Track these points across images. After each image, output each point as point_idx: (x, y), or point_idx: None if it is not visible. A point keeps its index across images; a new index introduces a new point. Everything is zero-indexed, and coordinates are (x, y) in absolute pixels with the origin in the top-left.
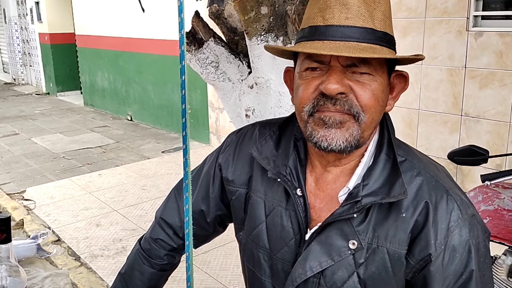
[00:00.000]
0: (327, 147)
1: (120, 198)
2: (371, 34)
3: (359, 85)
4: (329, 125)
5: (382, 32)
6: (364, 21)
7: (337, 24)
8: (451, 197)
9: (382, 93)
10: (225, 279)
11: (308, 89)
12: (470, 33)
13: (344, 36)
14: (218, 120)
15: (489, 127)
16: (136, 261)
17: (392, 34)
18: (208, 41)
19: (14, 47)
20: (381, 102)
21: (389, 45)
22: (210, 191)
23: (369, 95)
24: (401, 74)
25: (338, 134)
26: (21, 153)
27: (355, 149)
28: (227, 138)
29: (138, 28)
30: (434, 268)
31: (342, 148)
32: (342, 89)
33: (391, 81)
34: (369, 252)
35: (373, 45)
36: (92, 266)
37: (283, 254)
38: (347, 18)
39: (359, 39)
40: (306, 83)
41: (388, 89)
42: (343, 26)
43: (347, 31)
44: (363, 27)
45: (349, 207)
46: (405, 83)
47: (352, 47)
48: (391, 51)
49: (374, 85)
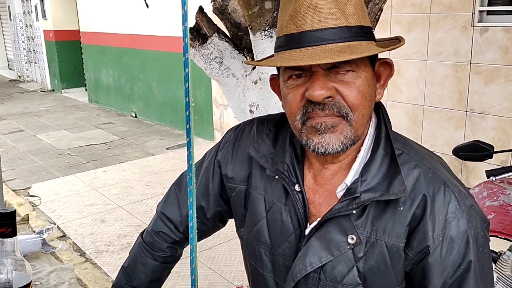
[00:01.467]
0: (324, 152)
1: (125, 194)
2: (346, 31)
3: (344, 85)
4: (322, 131)
5: (357, 26)
6: (336, 21)
7: (310, 29)
8: (449, 188)
9: (368, 87)
10: (230, 274)
11: (296, 98)
12: (475, 29)
13: (319, 40)
14: (222, 117)
15: (494, 123)
16: (139, 254)
17: (368, 24)
18: (212, 36)
19: (19, 44)
20: (369, 97)
21: (367, 37)
22: (209, 187)
23: (355, 93)
24: (385, 61)
25: (333, 139)
26: (26, 149)
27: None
28: (226, 135)
29: (143, 25)
30: (433, 259)
31: (339, 151)
32: (327, 93)
33: (377, 70)
34: (368, 246)
35: (350, 43)
36: (97, 262)
37: (283, 249)
38: (319, 21)
39: (335, 40)
40: (292, 92)
41: (374, 81)
42: (317, 30)
43: (322, 34)
44: (336, 27)
45: (348, 203)
46: (390, 70)
47: (329, 50)
48: (369, 42)
49: (359, 81)
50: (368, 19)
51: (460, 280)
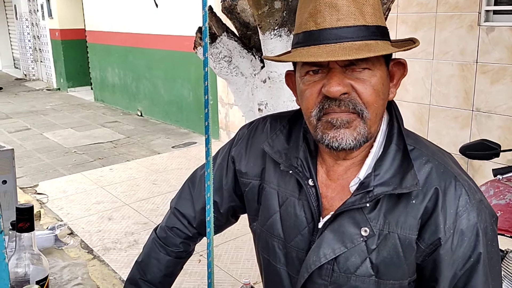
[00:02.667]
0: (338, 146)
1: (132, 192)
2: (364, 30)
3: (360, 83)
4: (337, 126)
5: (375, 26)
6: (355, 20)
7: (329, 27)
8: (459, 183)
9: (383, 86)
10: (236, 272)
11: (312, 94)
12: (481, 28)
13: (338, 37)
14: (227, 116)
15: (501, 122)
16: (152, 249)
17: (384, 24)
18: (221, 36)
19: (25, 43)
20: (382, 95)
21: (383, 37)
22: (223, 183)
23: (370, 91)
24: (399, 61)
25: (347, 134)
26: (33, 147)
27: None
28: (239, 132)
29: (148, 24)
30: (444, 251)
31: (352, 146)
32: (344, 90)
33: (391, 69)
34: (381, 239)
35: (367, 42)
36: (104, 259)
37: (297, 242)
38: (338, 19)
39: (353, 38)
40: (309, 88)
41: (388, 80)
42: (336, 28)
43: (340, 32)
44: (355, 26)
45: (361, 197)
46: (404, 70)
47: (347, 48)
48: (385, 42)
49: (374, 80)
50: (384, 20)
51: (470, 272)
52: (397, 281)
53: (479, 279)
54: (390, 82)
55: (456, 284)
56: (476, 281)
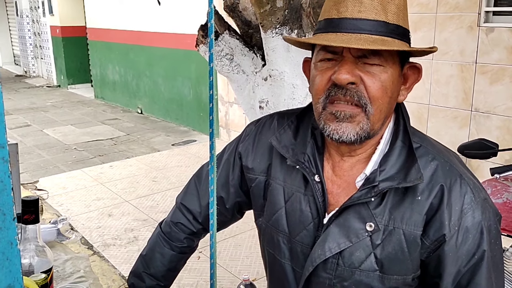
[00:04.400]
0: (338, 139)
1: (132, 189)
2: (383, 26)
3: (369, 76)
4: (340, 119)
5: (395, 25)
6: (376, 14)
7: (350, 17)
8: (464, 181)
9: (392, 84)
10: (235, 269)
11: (322, 81)
12: (481, 29)
13: (356, 28)
14: (227, 114)
15: (499, 123)
16: (157, 243)
17: (407, 27)
18: (223, 33)
19: (25, 39)
20: (390, 93)
21: (402, 37)
22: (230, 178)
23: (378, 86)
24: (414, 66)
25: (349, 128)
26: (33, 144)
27: (367, 140)
28: (246, 128)
29: (149, 21)
30: (448, 248)
31: (352, 140)
32: (352, 79)
33: (405, 72)
34: (386, 234)
35: (384, 38)
36: (104, 255)
37: (302, 237)
38: (360, 11)
39: (371, 32)
40: (320, 74)
41: (399, 80)
42: (356, 19)
43: (360, 24)
44: (375, 20)
45: (367, 192)
46: (418, 75)
47: (363, 39)
48: (403, 43)
49: (384, 76)
50: (407, 22)
51: (474, 269)
52: (401, 277)
53: (483, 276)
54: (403, 85)
55: (459, 280)
56: (479, 278)
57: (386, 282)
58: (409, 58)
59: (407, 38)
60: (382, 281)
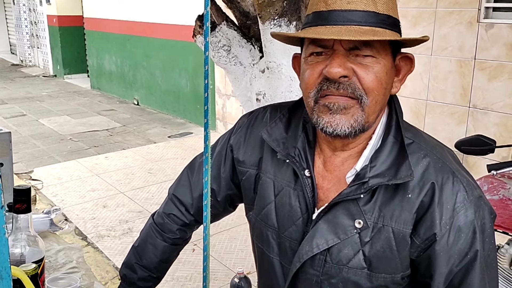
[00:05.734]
0: (333, 132)
1: (127, 180)
2: (373, 17)
3: (362, 68)
4: (333, 111)
5: (385, 15)
6: (366, 5)
7: (339, 9)
8: (457, 178)
9: (386, 75)
10: (230, 262)
11: (313, 74)
12: (480, 25)
13: (346, 20)
14: (225, 107)
15: (497, 119)
16: (149, 234)
17: (396, 16)
18: (220, 24)
19: (22, 28)
20: (385, 85)
21: (392, 27)
22: (221, 171)
23: (372, 77)
24: (406, 56)
25: (343, 120)
26: (28, 134)
27: (361, 133)
28: (239, 120)
29: (147, 12)
30: (439, 247)
31: (347, 133)
32: (344, 72)
33: (397, 63)
34: (375, 231)
35: (375, 28)
36: (98, 246)
37: (290, 232)
38: (349, 2)
39: (361, 23)
40: (311, 68)
41: (392, 72)
42: (345, 11)
43: (349, 15)
44: (364, 11)
45: (356, 188)
46: (411, 65)
47: (353, 31)
48: (394, 33)
49: (377, 67)
50: (397, 12)
51: (466, 268)
52: (389, 275)
53: (476, 276)
54: (396, 76)
55: (452, 280)
56: (472, 278)
57: (374, 280)
58: (401, 48)
59: (398, 28)
60: (370, 279)
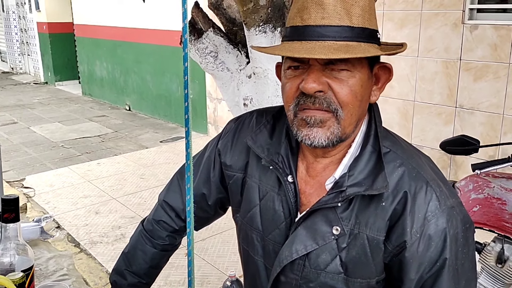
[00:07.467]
0: (311, 144)
1: (119, 186)
2: (348, 31)
3: (337, 82)
4: (311, 125)
5: (360, 28)
6: (340, 19)
7: (313, 24)
8: (431, 188)
9: (361, 87)
10: (222, 265)
11: (291, 89)
12: (465, 26)
13: (320, 35)
14: (216, 111)
15: (483, 119)
16: (139, 241)
17: (373, 27)
18: (207, 31)
19: (12, 36)
20: (360, 97)
21: (369, 39)
22: (211, 175)
23: (346, 91)
24: (384, 66)
25: (319, 133)
26: (20, 141)
27: (340, 143)
28: (227, 125)
29: (137, 18)
30: (409, 254)
31: (324, 145)
32: (319, 88)
33: (376, 72)
34: (351, 238)
35: (349, 43)
36: (91, 252)
37: (274, 236)
38: (323, 17)
39: (335, 38)
40: (289, 82)
41: (369, 82)
42: (320, 26)
43: (323, 31)
44: (339, 26)
45: (334, 196)
46: (389, 74)
47: (327, 47)
48: (370, 45)
49: (352, 81)
50: (375, 23)
51: (436, 276)
52: (365, 280)
53: (444, 284)
54: (375, 85)
55: (422, 286)
56: (441, 286)
57: (351, 284)
58: (379, 58)
59: (375, 38)
60: (347, 284)
